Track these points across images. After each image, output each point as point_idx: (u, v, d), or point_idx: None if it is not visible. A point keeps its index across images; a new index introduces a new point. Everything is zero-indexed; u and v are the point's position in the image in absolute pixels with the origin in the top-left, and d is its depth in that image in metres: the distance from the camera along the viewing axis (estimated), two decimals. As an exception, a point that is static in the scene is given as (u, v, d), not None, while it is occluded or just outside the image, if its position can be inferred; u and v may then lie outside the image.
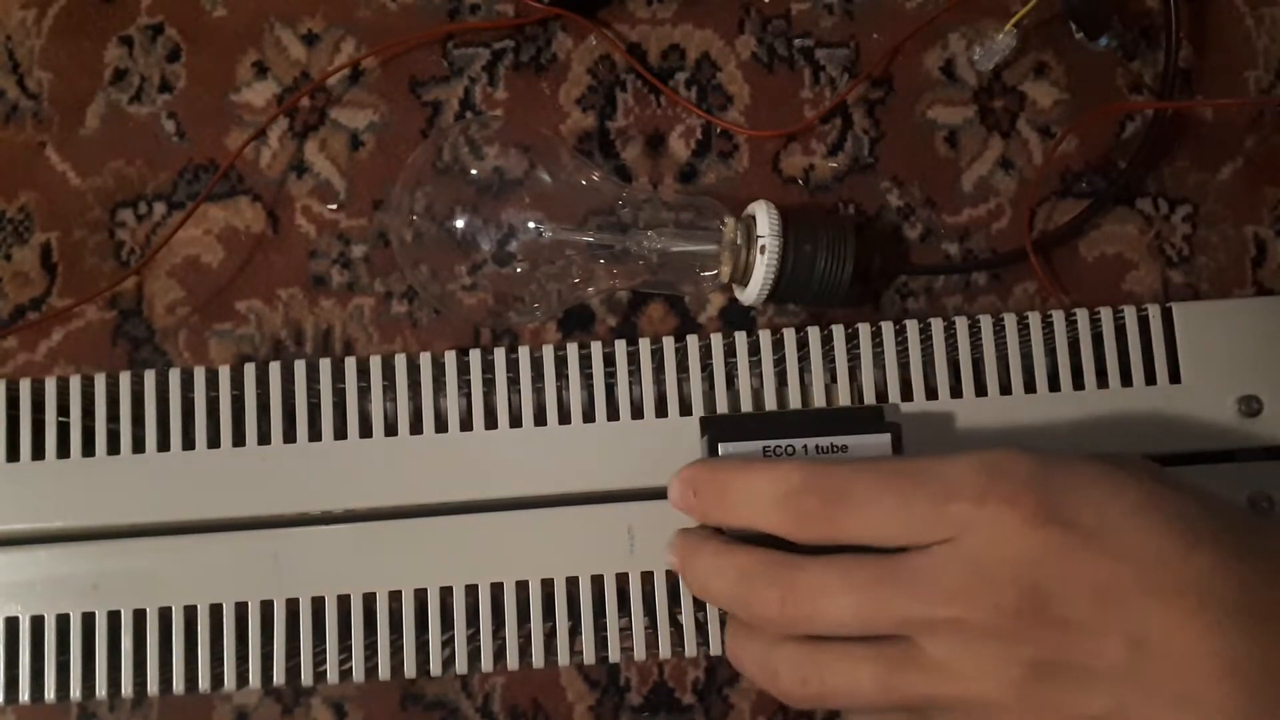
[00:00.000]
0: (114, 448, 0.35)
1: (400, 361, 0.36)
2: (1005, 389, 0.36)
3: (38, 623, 0.34)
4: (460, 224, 0.39)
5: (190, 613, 0.34)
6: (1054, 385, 0.36)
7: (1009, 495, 0.27)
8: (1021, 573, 0.27)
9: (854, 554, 0.29)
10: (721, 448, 0.33)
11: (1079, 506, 0.27)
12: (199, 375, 0.35)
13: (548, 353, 0.36)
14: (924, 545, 0.28)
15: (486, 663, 0.34)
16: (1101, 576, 0.27)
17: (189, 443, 0.35)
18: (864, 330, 0.36)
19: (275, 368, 0.36)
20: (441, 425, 0.35)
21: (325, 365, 0.36)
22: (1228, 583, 0.26)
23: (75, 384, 0.35)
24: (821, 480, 0.29)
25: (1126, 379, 0.36)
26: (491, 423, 0.35)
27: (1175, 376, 0.36)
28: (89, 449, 0.35)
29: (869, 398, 0.36)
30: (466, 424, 0.35)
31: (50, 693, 0.34)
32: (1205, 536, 0.27)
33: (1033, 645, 0.27)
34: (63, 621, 0.34)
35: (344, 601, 0.34)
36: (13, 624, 0.34)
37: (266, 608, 0.34)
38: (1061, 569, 0.27)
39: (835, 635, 0.29)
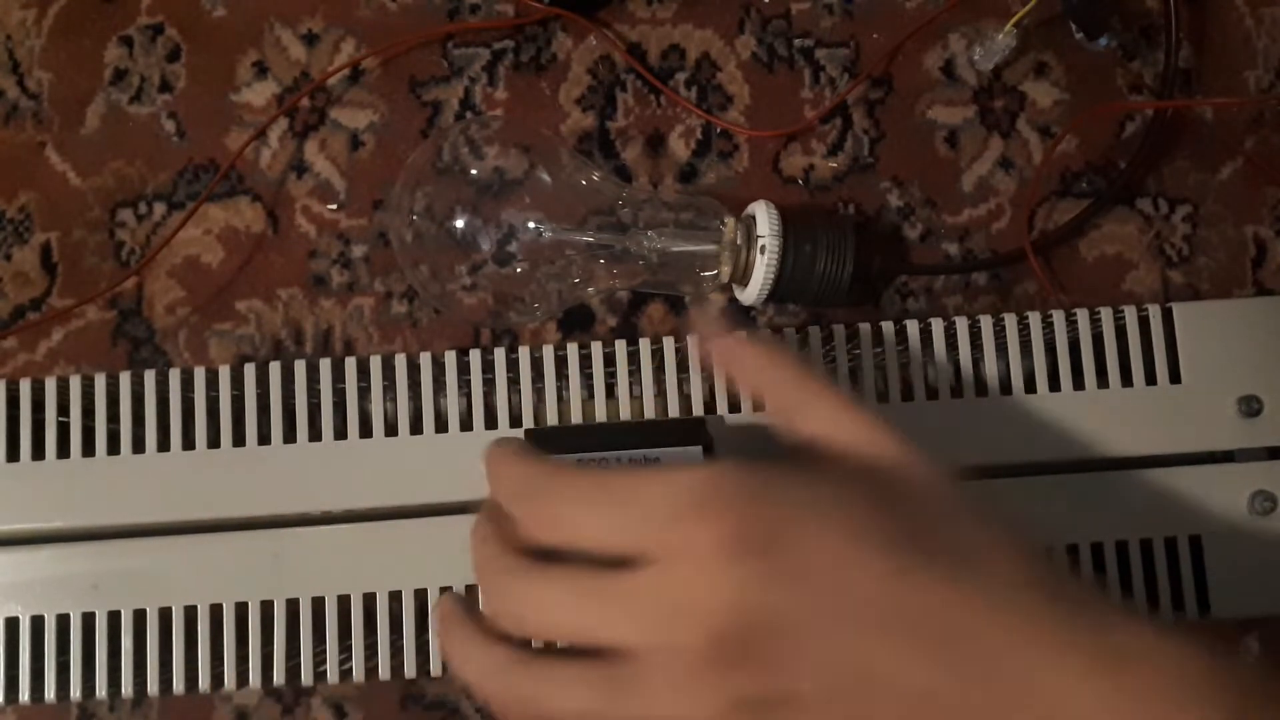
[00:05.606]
0: (114, 448, 0.35)
1: (400, 361, 0.36)
2: (1005, 389, 0.36)
3: (38, 623, 0.34)
4: (460, 224, 0.39)
5: (190, 613, 0.34)
6: (1054, 385, 0.36)
7: (709, 523, 0.26)
8: (718, 608, 0.25)
9: (578, 566, 0.27)
10: None
11: (782, 535, 0.26)
12: (199, 375, 0.35)
13: (548, 353, 0.36)
14: (636, 564, 0.27)
15: (486, 663, 0.34)
16: (801, 611, 0.25)
17: (189, 443, 0.35)
18: (864, 330, 0.36)
19: (275, 368, 0.36)
20: (441, 425, 0.35)
21: (325, 365, 0.36)
22: (937, 611, 0.25)
23: (75, 384, 0.35)
24: (538, 484, 0.28)
25: (1126, 379, 0.36)
26: (491, 423, 0.35)
27: (1175, 376, 0.36)
28: (89, 449, 0.35)
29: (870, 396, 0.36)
30: (466, 424, 0.35)
31: (50, 693, 0.34)
32: (917, 563, 0.26)
33: (734, 682, 0.25)
34: (63, 621, 0.34)
35: (344, 601, 0.34)
36: (13, 624, 0.34)
37: (266, 608, 0.34)
38: (760, 601, 0.25)
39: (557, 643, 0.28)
